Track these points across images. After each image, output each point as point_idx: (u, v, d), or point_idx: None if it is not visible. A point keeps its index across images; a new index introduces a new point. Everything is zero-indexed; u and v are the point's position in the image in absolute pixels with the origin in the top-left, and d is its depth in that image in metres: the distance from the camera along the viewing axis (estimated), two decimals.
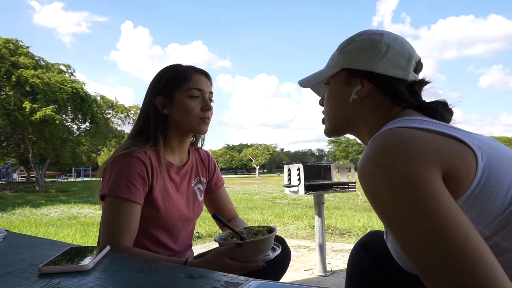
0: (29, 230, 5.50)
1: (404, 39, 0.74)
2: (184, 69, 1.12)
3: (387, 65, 0.70)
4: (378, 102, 0.72)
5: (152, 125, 1.09)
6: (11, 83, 15.72)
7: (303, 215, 6.21)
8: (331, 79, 0.78)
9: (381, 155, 0.54)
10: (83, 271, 0.63)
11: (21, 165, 29.55)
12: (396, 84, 0.71)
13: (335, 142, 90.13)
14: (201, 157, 1.27)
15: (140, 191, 0.99)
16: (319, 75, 0.81)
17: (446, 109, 0.70)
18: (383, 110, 0.71)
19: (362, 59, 0.72)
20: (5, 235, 0.96)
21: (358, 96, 0.72)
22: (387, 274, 0.86)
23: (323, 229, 2.66)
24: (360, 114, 0.74)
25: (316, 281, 2.53)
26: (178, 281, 0.57)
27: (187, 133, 1.14)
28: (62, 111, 17.56)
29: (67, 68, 20.65)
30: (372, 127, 0.72)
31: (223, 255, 0.86)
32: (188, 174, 1.19)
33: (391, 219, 0.52)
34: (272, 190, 15.50)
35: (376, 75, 0.71)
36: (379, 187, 0.53)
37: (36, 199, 12.67)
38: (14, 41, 17.89)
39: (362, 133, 0.76)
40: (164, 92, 1.09)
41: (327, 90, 0.79)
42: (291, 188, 2.61)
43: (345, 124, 0.78)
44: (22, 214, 8.11)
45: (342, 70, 0.75)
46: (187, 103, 1.08)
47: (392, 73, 0.70)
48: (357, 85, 0.72)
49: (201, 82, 1.11)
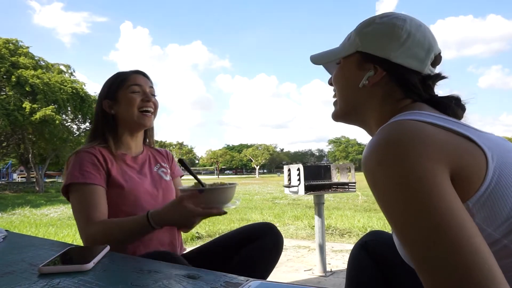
0: (29, 230, 5.50)
1: (427, 28, 0.70)
2: (123, 72, 1.26)
3: (404, 54, 0.67)
4: (389, 92, 0.69)
5: (100, 126, 1.21)
6: (11, 83, 15.73)
7: (303, 215, 6.20)
8: (344, 59, 0.75)
9: (387, 146, 0.53)
10: (83, 271, 0.63)
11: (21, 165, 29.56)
12: (410, 76, 0.67)
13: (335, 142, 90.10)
14: (157, 151, 1.38)
15: (94, 174, 1.07)
16: (332, 54, 0.78)
17: (459, 105, 0.67)
18: (393, 100, 0.69)
19: (379, 44, 0.68)
20: (5, 235, 0.96)
21: (369, 82, 0.69)
22: (387, 274, 0.86)
23: (323, 229, 2.66)
24: (368, 101, 0.71)
25: (316, 281, 2.53)
26: (178, 281, 0.57)
27: (134, 128, 1.23)
28: (62, 111, 17.59)
29: (67, 68, 20.67)
30: (380, 116, 0.70)
31: (185, 200, 0.92)
32: (147, 162, 1.27)
33: (392, 214, 0.51)
34: (272, 190, 15.50)
35: (391, 63, 0.67)
36: (382, 180, 0.52)
37: (36, 199, 12.67)
38: (14, 41, 17.91)
39: (369, 122, 0.74)
40: (109, 95, 1.21)
41: (338, 70, 0.76)
42: (291, 188, 2.61)
43: (353, 109, 0.74)
44: (22, 214, 8.11)
45: (356, 52, 0.72)
46: (128, 97, 1.19)
47: (408, 64, 0.67)
48: (370, 71, 0.69)
49: (139, 79, 1.23)
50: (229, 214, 6.91)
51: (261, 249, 1.12)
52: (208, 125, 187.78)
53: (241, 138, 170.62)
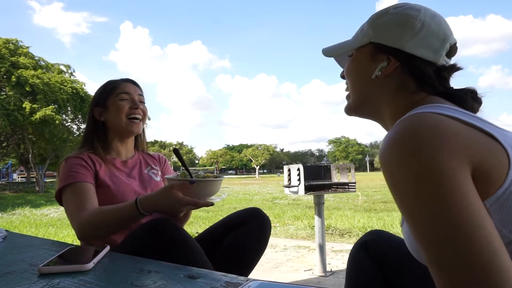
0: (29, 230, 5.50)
1: (442, 18, 0.68)
2: (113, 81, 1.29)
3: (418, 44, 0.65)
4: (402, 83, 0.67)
5: (90, 133, 1.26)
6: (11, 83, 15.73)
7: (303, 215, 6.20)
8: (356, 51, 0.73)
9: (408, 139, 0.50)
10: (83, 271, 0.63)
11: (21, 165, 29.54)
12: (425, 66, 0.66)
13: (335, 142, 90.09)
14: (149, 155, 1.41)
15: (83, 173, 1.11)
16: (345, 46, 0.76)
17: (475, 99, 0.65)
18: (407, 92, 0.67)
19: (393, 34, 0.67)
20: (5, 235, 0.96)
21: (382, 73, 0.68)
22: (387, 274, 0.85)
23: (323, 229, 2.66)
24: (382, 92, 0.70)
25: (316, 281, 2.53)
26: (178, 281, 0.57)
27: (123, 134, 1.26)
28: (62, 111, 17.58)
29: (67, 68, 20.66)
30: (394, 109, 0.68)
31: (175, 188, 0.92)
32: (138, 165, 1.30)
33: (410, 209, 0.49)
34: (272, 190, 15.50)
35: (404, 53, 0.66)
36: (401, 174, 0.50)
37: (36, 199, 12.67)
38: (14, 41, 17.90)
39: (383, 115, 0.72)
40: (99, 103, 1.26)
41: (350, 62, 0.75)
42: (291, 188, 2.61)
43: (366, 101, 0.73)
44: (22, 214, 8.11)
45: (369, 43, 0.70)
46: (117, 104, 1.22)
47: (422, 54, 0.65)
48: (383, 62, 0.68)
49: (128, 87, 1.27)
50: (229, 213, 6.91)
51: (248, 232, 1.14)
52: (208, 125, 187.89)
53: (241, 138, 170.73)
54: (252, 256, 1.14)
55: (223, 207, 8.59)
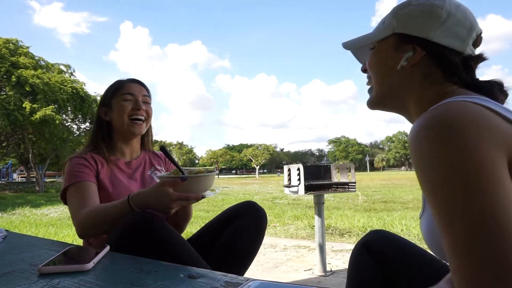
0: (29, 230, 5.49)
1: (467, 8, 0.68)
2: (119, 81, 1.30)
3: (445, 33, 0.64)
4: (428, 73, 0.66)
5: (95, 133, 1.27)
6: (11, 83, 15.72)
7: (303, 215, 6.20)
8: (379, 43, 0.72)
9: (444, 123, 0.49)
10: (83, 271, 0.63)
11: (21, 165, 29.54)
12: (452, 55, 0.64)
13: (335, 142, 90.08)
14: (155, 154, 1.40)
15: (86, 173, 1.13)
16: (367, 38, 0.75)
17: (502, 91, 0.64)
18: (434, 83, 0.66)
19: (418, 24, 0.66)
20: (5, 235, 0.96)
21: (408, 63, 0.66)
22: (388, 273, 0.85)
23: (323, 229, 2.66)
24: (408, 83, 0.68)
25: (316, 281, 2.53)
26: (178, 281, 0.57)
27: (126, 134, 1.26)
28: (62, 111, 17.57)
29: (67, 68, 20.65)
30: (422, 100, 0.67)
31: (166, 185, 0.93)
32: (141, 166, 1.30)
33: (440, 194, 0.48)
34: (272, 190, 15.49)
35: (430, 43, 0.65)
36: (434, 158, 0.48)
37: (36, 199, 12.67)
38: (14, 41, 17.89)
39: (409, 106, 0.70)
40: (105, 102, 1.27)
41: (373, 55, 0.74)
42: (291, 188, 2.61)
43: (391, 93, 0.72)
44: (22, 214, 8.11)
45: (393, 34, 0.69)
46: (120, 104, 1.23)
47: (449, 43, 0.64)
48: (409, 51, 0.66)
49: (133, 87, 1.27)
50: None
51: (243, 226, 1.14)
52: (208, 125, 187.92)
53: (241, 138, 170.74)
54: (249, 250, 1.13)
55: (223, 207, 8.59)
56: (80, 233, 1.04)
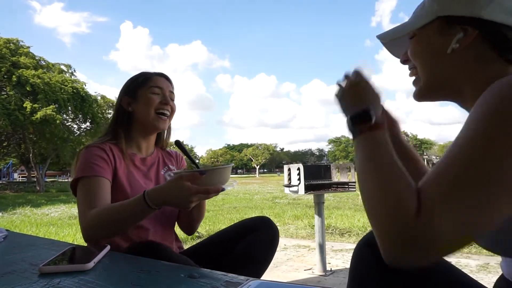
0: (30, 230, 5.50)
1: None
2: (146, 73, 1.26)
3: (497, 9, 0.60)
4: (482, 53, 0.62)
5: (115, 122, 1.21)
6: (12, 83, 15.75)
7: (303, 215, 6.20)
8: (420, 30, 0.68)
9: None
10: (83, 271, 0.63)
11: (21, 165, 29.58)
12: (508, 32, 0.60)
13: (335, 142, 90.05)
14: (168, 153, 1.36)
15: (102, 168, 1.07)
16: (406, 26, 0.71)
17: None
18: (489, 63, 0.62)
19: (464, 3, 0.62)
20: (5, 235, 0.97)
21: (460, 45, 0.63)
22: (390, 271, 0.85)
23: (323, 228, 2.66)
24: (460, 67, 0.65)
25: (316, 280, 2.53)
26: (178, 281, 0.58)
27: (149, 129, 1.22)
28: (62, 111, 17.59)
29: (68, 68, 20.68)
30: (478, 81, 0.63)
31: (184, 179, 0.88)
32: (155, 164, 1.26)
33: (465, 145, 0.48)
34: (272, 189, 15.50)
35: (483, 21, 0.61)
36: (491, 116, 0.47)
37: (36, 199, 12.68)
38: (15, 41, 17.91)
39: (464, 91, 0.66)
40: (129, 92, 1.21)
41: (416, 43, 0.70)
42: (291, 187, 2.61)
43: (443, 80, 0.68)
44: (23, 214, 8.11)
45: (436, 19, 0.65)
46: (148, 97, 1.18)
47: (501, 19, 0.60)
48: (459, 33, 0.62)
49: (161, 81, 1.23)
50: (230, 214, 6.91)
51: (258, 241, 1.13)
52: (208, 125, 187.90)
53: (241, 137, 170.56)
54: (260, 265, 1.14)
55: (223, 206, 8.60)
56: (87, 235, 0.98)
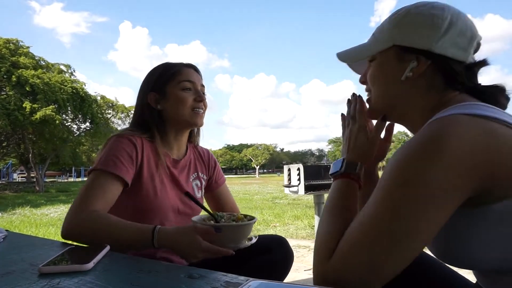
0: (29, 230, 5.49)
1: (466, 16, 0.67)
2: (173, 64, 1.14)
3: (447, 44, 0.63)
4: (432, 82, 0.66)
5: (146, 121, 1.10)
6: (12, 83, 15.71)
7: (303, 215, 6.20)
8: (379, 54, 0.71)
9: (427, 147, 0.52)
10: (83, 271, 0.63)
11: (21, 165, 29.54)
12: (455, 65, 0.64)
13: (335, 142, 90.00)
14: (200, 154, 1.26)
15: (126, 167, 0.98)
16: (365, 50, 0.74)
17: (504, 95, 0.64)
18: (437, 91, 0.66)
19: (419, 35, 0.65)
20: (5, 235, 0.96)
21: (413, 74, 0.66)
22: None
23: None
24: (412, 93, 0.68)
25: None
26: (178, 281, 0.57)
27: (183, 126, 1.13)
28: (62, 111, 17.56)
29: (67, 68, 20.64)
30: (425, 109, 0.67)
31: (197, 232, 0.82)
32: (186, 169, 1.17)
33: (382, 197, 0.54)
34: (272, 190, 15.48)
35: (433, 54, 0.64)
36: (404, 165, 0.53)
37: (36, 199, 12.66)
38: (14, 41, 17.88)
39: (412, 116, 0.70)
40: (156, 88, 1.10)
41: (374, 67, 0.73)
42: (291, 188, 2.61)
43: (394, 104, 0.71)
44: (22, 214, 8.10)
45: (393, 45, 0.68)
46: (180, 95, 1.08)
47: (452, 54, 0.64)
48: (413, 62, 0.66)
49: (192, 74, 1.13)
50: None
51: (272, 263, 1.05)
52: (208, 125, 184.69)
53: (241, 138, 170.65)
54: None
55: None
56: (70, 233, 0.90)
